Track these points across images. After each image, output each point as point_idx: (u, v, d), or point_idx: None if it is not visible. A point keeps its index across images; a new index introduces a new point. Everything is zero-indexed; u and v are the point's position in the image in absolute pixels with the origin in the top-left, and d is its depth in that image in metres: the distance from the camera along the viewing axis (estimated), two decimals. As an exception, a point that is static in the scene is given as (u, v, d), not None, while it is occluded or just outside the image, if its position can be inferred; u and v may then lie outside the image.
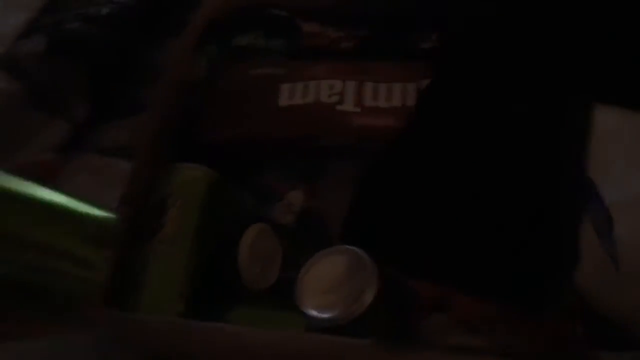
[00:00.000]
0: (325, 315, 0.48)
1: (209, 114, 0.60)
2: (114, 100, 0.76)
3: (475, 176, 0.48)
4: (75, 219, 0.56)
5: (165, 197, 0.54)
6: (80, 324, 0.49)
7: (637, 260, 0.52)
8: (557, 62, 0.47)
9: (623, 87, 0.46)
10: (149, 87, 0.72)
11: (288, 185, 0.59)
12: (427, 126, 0.53)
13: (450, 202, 0.48)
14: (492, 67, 0.51)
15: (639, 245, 0.52)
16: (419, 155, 0.52)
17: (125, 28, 0.75)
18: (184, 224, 0.54)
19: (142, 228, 0.53)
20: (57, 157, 0.70)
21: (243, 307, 0.56)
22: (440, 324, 0.49)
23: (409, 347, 0.38)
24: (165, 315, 0.48)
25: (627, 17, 0.45)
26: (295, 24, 0.64)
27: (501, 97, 0.49)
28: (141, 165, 0.55)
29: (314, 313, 0.48)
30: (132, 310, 0.49)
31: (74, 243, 0.55)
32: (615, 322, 0.51)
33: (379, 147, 0.56)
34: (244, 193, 0.59)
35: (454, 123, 0.51)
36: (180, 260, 0.53)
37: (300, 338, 0.42)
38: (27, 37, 0.73)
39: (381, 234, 0.51)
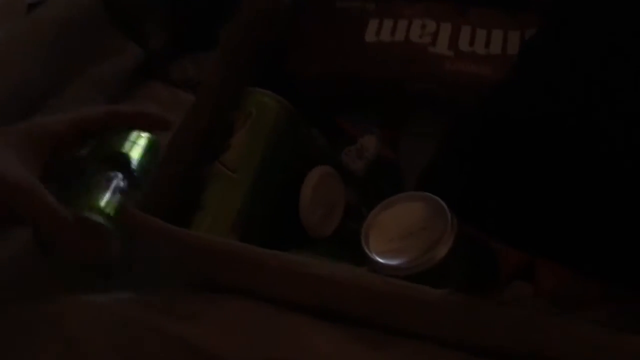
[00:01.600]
0: (390, 263, 0.42)
1: (291, 45, 0.56)
2: (191, 34, 0.73)
3: (583, 139, 0.42)
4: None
5: (235, 119, 0.50)
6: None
7: None
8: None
9: None
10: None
11: (363, 129, 0.54)
12: (530, 80, 0.47)
13: (552, 166, 0.42)
14: (608, 25, 0.45)
15: None
16: (518, 113, 0.46)
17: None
18: (249, 151, 0.50)
19: (208, 145, 0.49)
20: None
21: (299, 252, 0.52)
22: (521, 294, 0.43)
23: (487, 304, 0.33)
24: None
25: None
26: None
27: (615, 57, 0.43)
28: (211, 87, 0.51)
29: (377, 259, 0.43)
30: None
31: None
32: None
33: (471, 99, 0.51)
34: (315, 131, 0.54)
35: (561, 80, 0.45)
36: (240, 189, 0.49)
37: (365, 277, 0.36)
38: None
39: (465, 190, 0.46)
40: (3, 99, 0.62)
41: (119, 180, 0.49)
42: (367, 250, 0.44)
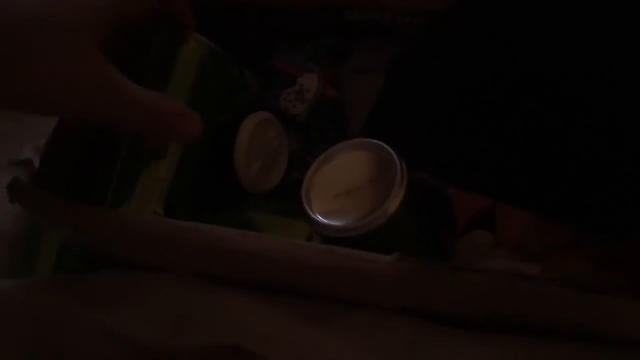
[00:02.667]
0: (335, 224, 0.38)
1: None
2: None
3: (539, 70, 0.38)
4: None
5: (152, 70, 0.44)
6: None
7: None
8: None
9: None
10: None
11: (301, 68, 0.48)
12: (481, 5, 0.42)
13: (511, 100, 0.38)
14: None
15: None
16: (469, 40, 0.41)
17: None
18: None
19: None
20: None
21: (240, 211, 0.47)
22: (481, 244, 0.39)
23: (440, 268, 0.28)
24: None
25: None
26: None
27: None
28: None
29: (321, 220, 0.38)
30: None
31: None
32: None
33: (417, 26, 0.45)
34: (247, 73, 0.48)
35: (516, 3, 0.40)
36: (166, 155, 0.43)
37: (299, 250, 0.32)
38: None
39: (415, 132, 0.41)
40: None
41: None
42: (309, 211, 0.39)
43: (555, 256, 0.38)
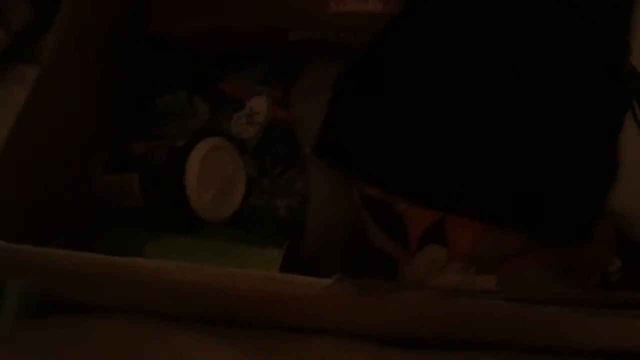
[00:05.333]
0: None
1: (150, 3, 0.48)
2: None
3: (486, 79, 0.38)
4: None
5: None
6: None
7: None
8: None
9: None
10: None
11: (250, 91, 0.48)
12: (426, 15, 0.42)
13: (455, 110, 0.38)
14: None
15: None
16: (414, 51, 0.41)
17: None
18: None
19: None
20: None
21: (193, 239, 0.46)
22: (436, 259, 0.38)
23: (375, 288, 0.27)
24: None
25: None
26: None
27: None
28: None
29: None
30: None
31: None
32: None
33: (362, 42, 0.45)
34: (196, 99, 0.48)
35: (461, 11, 0.40)
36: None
37: (234, 275, 0.30)
38: None
39: (363, 146, 0.41)
40: None
41: None
42: None
43: (510, 266, 0.37)
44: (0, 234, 0.32)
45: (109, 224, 0.47)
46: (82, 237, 0.31)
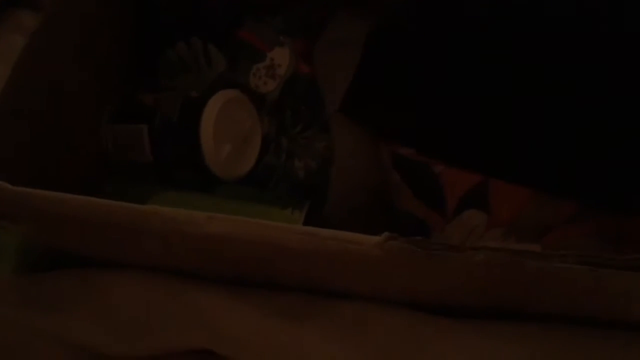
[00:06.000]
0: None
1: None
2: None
3: (537, 43, 0.35)
4: None
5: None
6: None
7: None
8: None
9: None
10: None
11: (272, 41, 0.44)
12: None
13: (503, 70, 0.35)
14: None
15: None
16: (452, 8, 0.38)
17: None
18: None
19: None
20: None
21: (209, 199, 0.43)
22: (474, 225, 0.36)
23: (433, 247, 0.25)
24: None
25: None
26: None
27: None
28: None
29: None
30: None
31: None
32: None
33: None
34: (211, 48, 0.44)
35: None
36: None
37: (273, 228, 0.27)
38: None
39: (397, 106, 0.38)
40: None
41: None
42: None
43: (555, 235, 0.34)
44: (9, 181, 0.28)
45: (115, 178, 0.44)
46: (92, 193, 0.28)
